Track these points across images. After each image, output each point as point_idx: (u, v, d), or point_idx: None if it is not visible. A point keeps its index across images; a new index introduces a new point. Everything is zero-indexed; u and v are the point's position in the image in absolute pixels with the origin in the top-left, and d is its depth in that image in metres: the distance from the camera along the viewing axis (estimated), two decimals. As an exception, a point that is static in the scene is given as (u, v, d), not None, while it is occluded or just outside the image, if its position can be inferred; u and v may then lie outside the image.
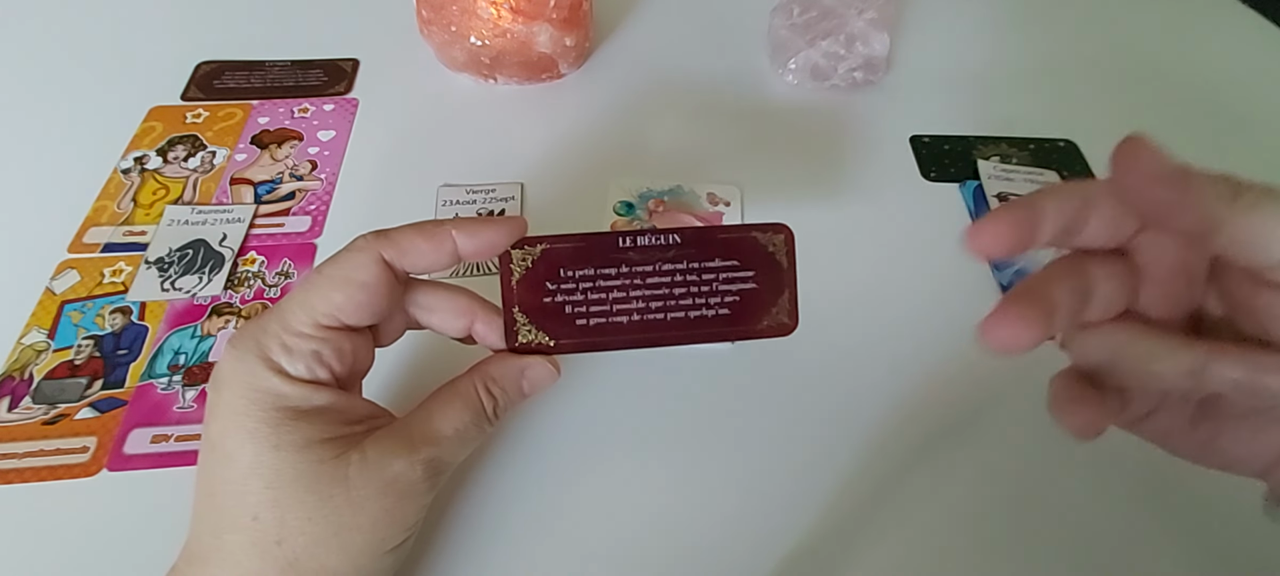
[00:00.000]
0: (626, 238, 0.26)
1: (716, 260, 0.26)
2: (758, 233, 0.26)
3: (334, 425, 0.23)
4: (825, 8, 0.48)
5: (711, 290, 0.26)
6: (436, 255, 0.24)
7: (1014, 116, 0.48)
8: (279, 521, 0.22)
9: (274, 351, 0.23)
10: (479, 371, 0.26)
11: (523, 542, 0.29)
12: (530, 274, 0.26)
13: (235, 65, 0.49)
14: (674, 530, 0.29)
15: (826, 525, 0.29)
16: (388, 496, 0.23)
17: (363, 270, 0.23)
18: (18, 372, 0.33)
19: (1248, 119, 0.49)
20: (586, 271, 0.26)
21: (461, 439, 0.25)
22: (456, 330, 0.27)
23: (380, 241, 0.24)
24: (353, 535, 0.22)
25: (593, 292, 0.26)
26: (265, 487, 0.22)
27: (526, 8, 0.45)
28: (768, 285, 0.27)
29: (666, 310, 0.26)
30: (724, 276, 0.26)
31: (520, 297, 0.26)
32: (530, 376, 0.26)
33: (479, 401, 0.25)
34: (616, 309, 0.26)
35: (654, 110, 0.48)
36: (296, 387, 0.23)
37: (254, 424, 0.22)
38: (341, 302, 0.23)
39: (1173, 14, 0.58)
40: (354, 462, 0.23)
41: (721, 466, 0.31)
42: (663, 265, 0.26)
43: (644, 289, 0.26)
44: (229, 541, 0.22)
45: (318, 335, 0.23)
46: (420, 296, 0.26)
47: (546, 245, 0.26)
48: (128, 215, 0.40)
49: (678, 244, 0.26)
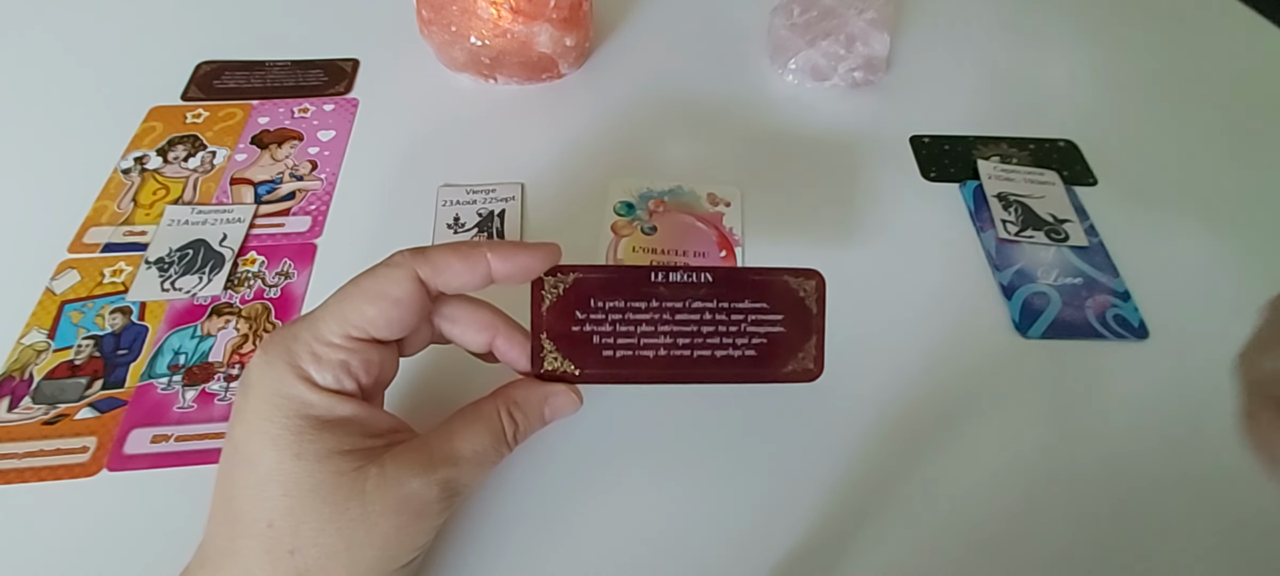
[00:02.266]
0: (658, 272, 0.26)
1: (746, 301, 0.26)
2: (789, 277, 0.27)
3: (356, 437, 0.23)
4: (825, 8, 0.48)
5: (739, 331, 0.26)
6: (471, 276, 0.25)
7: (1014, 116, 0.48)
8: (293, 530, 0.22)
9: (303, 359, 0.23)
10: (502, 395, 0.26)
11: (528, 557, 0.29)
12: (561, 301, 0.26)
13: (235, 65, 0.49)
14: (680, 545, 0.29)
15: (825, 527, 0.29)
16: (402, 514, 0.23)
17: (398, 286, 0.24)
18: (18, 372, 0.33)
19: (1248, 119, 0.49)
20: (617, 303, 0.26)
21: (480, 461, 0.25)
22: (478, 344, 0.27)
23: (417, 259, 0.24)
24: (365, 550, 0.22)
25: (621, 325, 0.26)
26: (283, 495, 0.22)
27: (526, 8, 0.45)
28: (796, 329, 0.27)
29: (694, 348, 0.26)
30: (753, 318, 0.26)
31: (549, 324, 0.26)
32: (553, 404, 0.26)
33: (500, 425, 0.25)
34: (644, 342, 0.26)
35: (654, 110, 0.48)
36: (323, 397, 0.23)
37: (278, 430, 0.22)
38: (374, 316, 0.23)
39: (1172, 14, 0.58)
40: (372, 477, 0.22)
41: (725, 476, 0.31)
42: (693, 302, 0.26)
43: (672, 325, 0.26)
44: (242, 546, 0.22)
45: (347, 346, 0.23)
46: (445, 308, 0.27)
47: (579, 275, 0.26)
48: (128, 215, 0.40)
49: (709, 282, 0.26)
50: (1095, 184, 0.44)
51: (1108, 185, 0.44)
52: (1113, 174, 0.45)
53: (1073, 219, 0.41)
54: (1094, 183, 0.44)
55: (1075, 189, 0.43)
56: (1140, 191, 0.44)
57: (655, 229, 0.40)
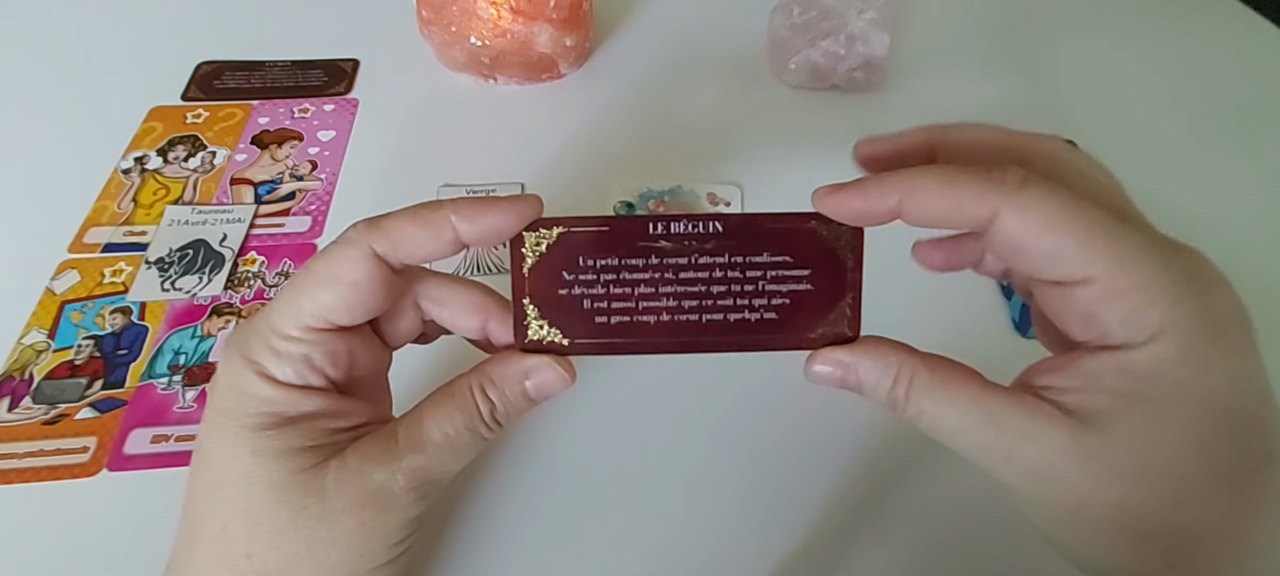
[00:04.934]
0: (658, 223, 0.22)
1: (765, 254, 0.22)
2: (818, 223, 0.22)
3: (321, 432, 0.21)
4: (825, 8, 0.48)
5: (758, 290, 0.22)
6: (434, 243, 0.21)
7: (1014, 116, 0.48)
8: (249, 533, 0.20)
9: (260, 354, 0.21)
10: (477, 371, 0.23)
11: (526, 558, 0.28)
12: (544, 260, 0.22)
13: (235, 65, 0.49)
14: (679, 546, 0.29)
15: (823, 528, 0.29)
16: (366, 509, 0.21)
17: (352, 267, 0.21)
18: (18, 372, 0.33)
19: (1248, 119, 0.49)
20: (610, 261, 0.22)
21: (452, 446, 0.22)
22: (470, 329, 0.24)
23: (371, 232, 0.21)
24: (328, 550, 0.21)
25: (616, 286, 0.22)
26: (238, 495, 0.20)
27: (526, 8, 0.45)
28: (826, 287, 0.23)
29: (702, 311, 0.22)
30: (773, 274, 0.22)
31: (532, 287, 0.22)
32: (536, 380, 0.23)
33: (474, 404, 0.23)
34: (643, 306, 0.22)
35: (654, 110, 0.48)
36: (283, 392, 0.21)
37: (235, 427, 0.21)
38: (330, 302, 0.21)
39: (1172, 14, 0.58)
40: (332, 471, 0.21)
41: (722, 476, 0.31)
42: (700, 258, 0.22)
43: (676, 284, 0.22)
44: (197, 551, 0.21)
45: (306, 338, 0.21)
46: (431, 289, 0.24)
47: (564, 228, 0.22)
48: (128, 215, 0.40)
49: (719, 233, 0.22)
50: (1095, 184, 0.44)
51: (1108, 185, 0.44)
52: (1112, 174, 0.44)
53: (1073, 219, 0.41)
54: (1094, 183, 0.44)
55: (1075, 189, 0.43)
56: (1140, 192, 0.44)
57: (655, 229, 0.40)
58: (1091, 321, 0.20)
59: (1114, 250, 0.19)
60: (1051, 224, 0.19)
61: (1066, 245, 0.19)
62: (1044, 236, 0.19)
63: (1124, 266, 0.19)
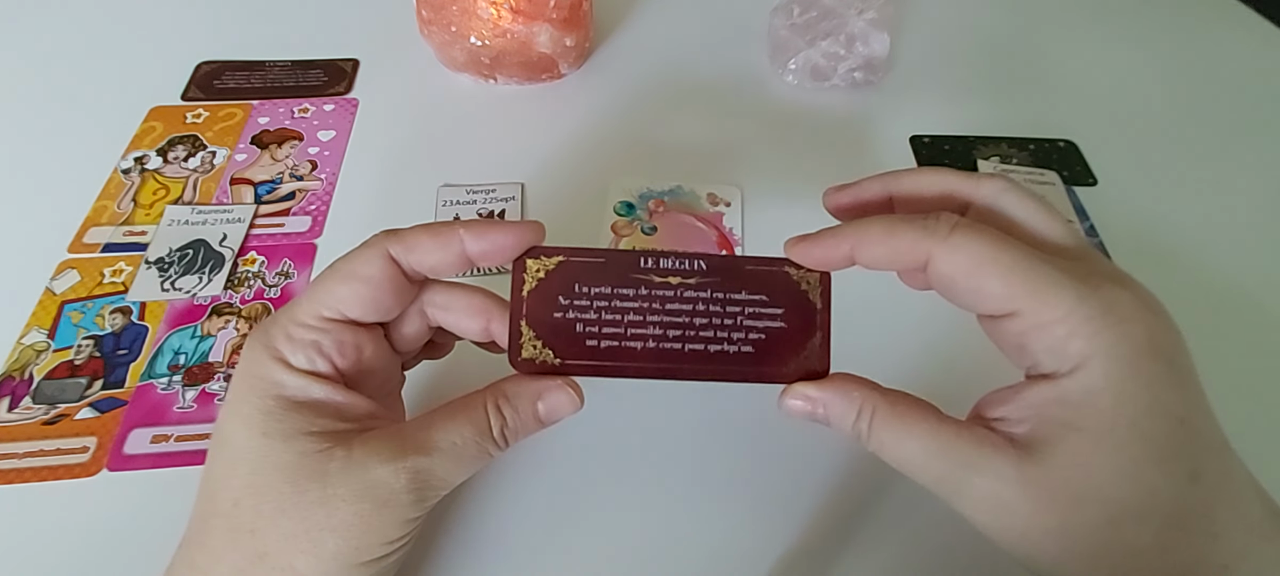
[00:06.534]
0: (649, 258, 0.25)
1: (743, 292, 0.25)
2: (790, 268, 0.25)
3: (328, 420, 0.23)
4: (825, 8, 0.48)
5: (736, 324, 0.24)
6: (443, 254, 0.24)
7: (1014, 116, 0.48)
8: (255, 509, 0.22)
9: (278, 341, 0.23)
10: (493, 388, 0.25)
11: (524, 559, 0.29)
12: (542, 285, 0.24)
13: (235, 65, 0.49)
14: (676, 547, 0.29)
15: (821, 530, 0.29)
16: (365, 501, 0.22)
17: (368, 265, 0.23)
18: (18, 372, 0.33)
19: (1248, 119, 0.49)
20: (603, 289, 0.24)
21: (458, 455, 0.23)
22: (473, 331, 0.26)
23: (390, 238, 0.24)
24: (324, 536, 0.21)
25: (607, 312, 0.24)
26: (250, 473, 0.22)
27: (526, 8, 0.45)
28: (798, 325, 0.25)
29: (685, 341, 0.24)
30: (751, 311, 0.25)
31: (529, 309, 0.24)
32: (549, 402, 0.24)
33: (485, 418, 0.24)
34: (631, 332, 0.24)
35: (654, 110, 0.48)
36: (295, 377, 0.23)
37: (250, 409, 0.22)
38: (345, 295, 0.23)
39: (1173, 14, 0.58)
40: (336, 458, 0.22)
41: (720, 478, 0.31)
42: (685, 292, 0.24)
43: (662, 315, 0.24)
44: (212, 525, 0.22)
45: (320, 326, 0.23)
46: (436, 295, 0.26)
47: (563, 257, 0.24)
48: (128, 215, 0.40)
49: (703, 271, 0.24)
50: (1095, 184, 0.44)
51: (1108, 185, 0.44)
52: (1113, 174, 0.45)
53: (1073, 219, 0.41)
54: (1094, 183, 0.44)
55: (1075, 189, 0.43)
56: (1140, 191, 0.44)
57: (655, 229, 0.40)
58: (1024, 351, 0.22)
59: (1032, 286, 0.21)
60: (976, 265, 0.21)
61: (990, 283, 0.21)
62: (971, 275, 0.22)
63: (1044, 301, 0.21)
